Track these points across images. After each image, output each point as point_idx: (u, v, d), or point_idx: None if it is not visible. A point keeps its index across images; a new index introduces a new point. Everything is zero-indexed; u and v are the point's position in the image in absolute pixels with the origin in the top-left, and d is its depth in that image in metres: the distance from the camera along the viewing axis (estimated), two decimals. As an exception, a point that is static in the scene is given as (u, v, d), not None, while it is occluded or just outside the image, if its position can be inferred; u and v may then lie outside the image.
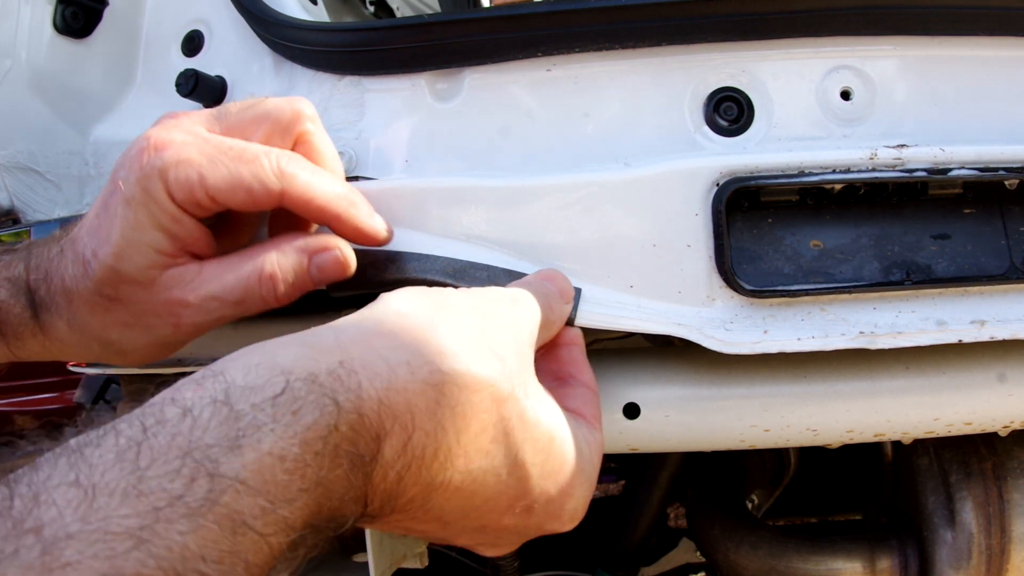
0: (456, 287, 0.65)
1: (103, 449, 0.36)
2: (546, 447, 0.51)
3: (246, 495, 0.37)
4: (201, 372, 0.41)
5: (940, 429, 0.71)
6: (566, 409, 0.57)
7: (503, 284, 0.66)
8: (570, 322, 0.66)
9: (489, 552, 0.57)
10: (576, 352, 0.63)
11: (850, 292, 0.66)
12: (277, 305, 0.62)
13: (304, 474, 0.39)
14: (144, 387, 0.96)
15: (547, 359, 0.63)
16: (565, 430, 0.54)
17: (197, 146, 0.58)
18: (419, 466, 0.45)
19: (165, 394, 0.40)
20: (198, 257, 0.62)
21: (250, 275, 0.60)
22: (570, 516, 0.55)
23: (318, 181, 0.60)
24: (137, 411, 0.39)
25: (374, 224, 0.64)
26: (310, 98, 0.77)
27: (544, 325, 0.58)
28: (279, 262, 0.60)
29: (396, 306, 0.49)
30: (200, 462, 0.36)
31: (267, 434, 0.38)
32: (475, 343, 0.49)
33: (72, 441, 0.37)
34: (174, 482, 0.36)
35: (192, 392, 0.40)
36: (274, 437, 0.38)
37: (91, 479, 0.35)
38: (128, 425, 0.38)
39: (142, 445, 0.37)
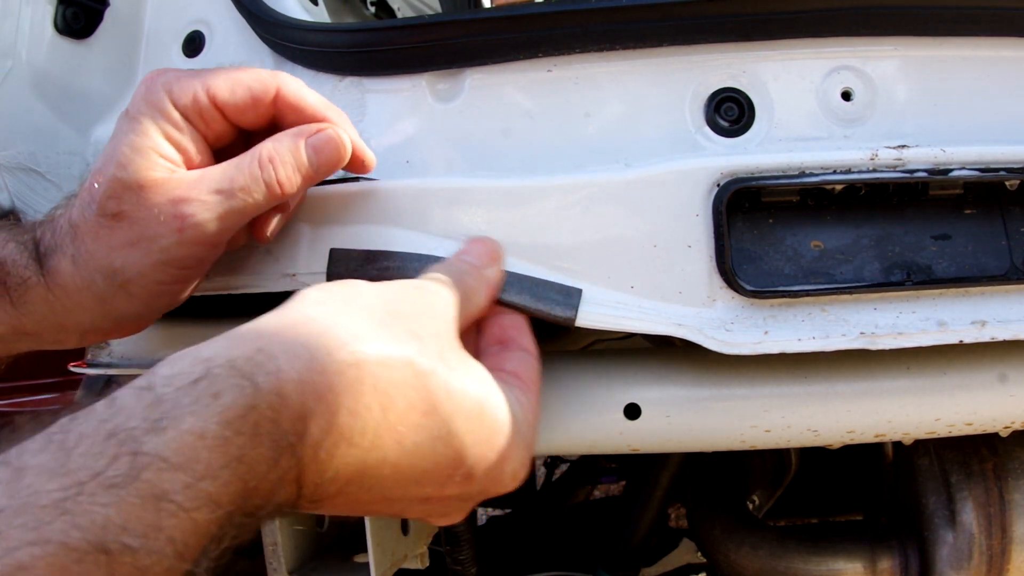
0: None
1: (34, 440, 0.39)
2: (477, 415, 0.53)
3: (167, 471, 0.38)
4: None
5: (941, 430, 0.71)
6: (504, 371, 0.60)
7: (503, 286, 0.66)
8: (570, 323, 0.66)
9: (441, 521, 0.59)
10: (518, 317, 0.65)
11: (851, 293, 0.66)
12: (283, 195, 0.63)
13: (225, 450, 0.40)
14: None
15: (489, 324, 0.65)
16: (496, 397, 0.56)
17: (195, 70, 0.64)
18: (349, 444, 0.47)
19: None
20: None
21: (251, 162, 0.62)
22: (511, 478, 0.57)
23: (309, 91, 0.65)
24: (74, 408, 0.41)
25: (361, 141, 0.67)
26: (311, 99, 0.78)
27: (466, 299, 0.60)
28: (275, 147, 0.63)
29: (312, 297, 0.52)
30: (124, 442, 0.38)
31: (187, 414, 0.40)
32: (390, 325, 0.51)
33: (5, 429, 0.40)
34: (98, 460, 0.38)
35: (121, 388, 0.42)
36: (194, 417, 0.40)
37: (21, 460, 0.37)
38: (60, 421, 0.40)
39: (70, 430, 0.39)
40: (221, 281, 0.73)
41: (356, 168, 0.68)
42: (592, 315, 0.66)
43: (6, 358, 0.71)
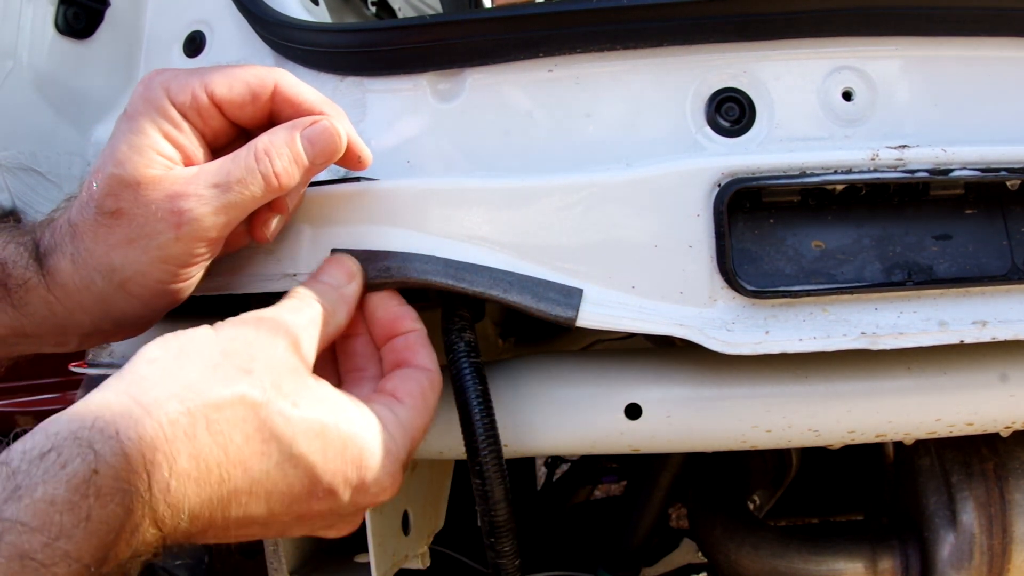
0: (456, 288, 0.65)
1: None
2: (318, 434, 0.56)
3: (26, 533, 0.43)
4: None
5: (942, 430, 0.71)
6: (381, 392, 0.63)
7: (504, 286, 0.66)
8: (571, 323, 0.66)
9: (330, 534, 0.63)
10: (412, 338, 0.67)
11: (852, 293, 0.66)
12: (280, 188, 0.63)
13: (75, 512, 0.45)
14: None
15: (387, 351, 0.67)
16: (341, 413, 0.58)
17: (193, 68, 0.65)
18: (196, 484, 0.51)
19: None
20: None
21: (247, 155, 0.63)
22: (379, 488, 0.60)
23: (306, 86, 0.66)
24: None
25: (357, 136, 0.68)
26: (312, 99, 0.77)
27: (320, 321, 0.62)
28: (271, 139, 0.63)
29: (148, 355, 0.55)
30: None
31: (39, 484, 0.45)
32: (220, 367, 0.54)
33: None
34: None
35: None
36: (45, 485, 0.45)
37: None
38: None
39: None
40: (222, 281, 0.73)
41: (352, 164, 0.68)
42: (593, 315, 0.66)
43: (6, 360, 0.71)
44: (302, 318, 0.61)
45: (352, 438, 0.58)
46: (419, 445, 0.64)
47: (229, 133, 0.66)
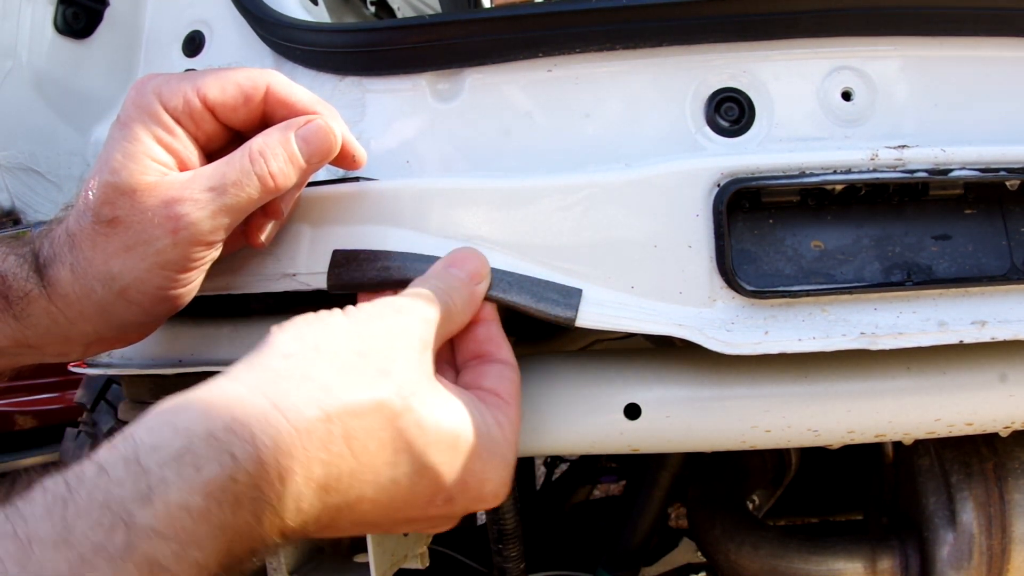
0: None
1: (34, 505, 0.41)
2: (451, 445, 0.55)
3: (159, 541, 0.42)
4: (115, 435, 0.46)
5: (941, 430, 0.71)
6: (481, 389, 0.61)
7: (503, 286, 0.66)
8: (570, 323, 0.66)
9: (427, 531, 0.63)
10: (493, 329, 0.65)
11: (851, 293, 0.66)
12: (276, 189, 0.63)
13: (210, 521, 0.44)
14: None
15: (465, 339, 0.65)
16: (471, 423, 0.57)
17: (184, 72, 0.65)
18: (326, 491, 0.50)
19: (86, 458, 0.45)
20: None
21: (241, 157, 0.62)
22: (492, 496, 0.59)
23: (298, 87, 0.65)
24: (62, 470, 0.44)
25: (351, 136, 0.68)
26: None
27: (446, 318, 0.60)
28: (265, 140, 0.63)
29: (282, 347, 0.53)
30: (117, 514, 0.42)
31: (173, 488, 0.43)
32: (358, 368, 0.53)
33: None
34: (96, 532, 0.40)
35: (106, 452, 0.44)
36: (179, 491, 0.43)
37: (27, 532, 0.40)
38: (53, 482, 0.43)
39: (67, 500, 0.42)
40: (222, 281, 0.73)
41: (347, 163, 0.68)
42: (592, 315, 0.66)
43: (8, 371, 0.70)
44: (434, 314, 0.59)
45: (478, 449, 0.57)
46: None
47: (223, 136, 0.66)
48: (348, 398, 0.51)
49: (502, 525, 0.69)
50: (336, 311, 0.56)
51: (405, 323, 0.57)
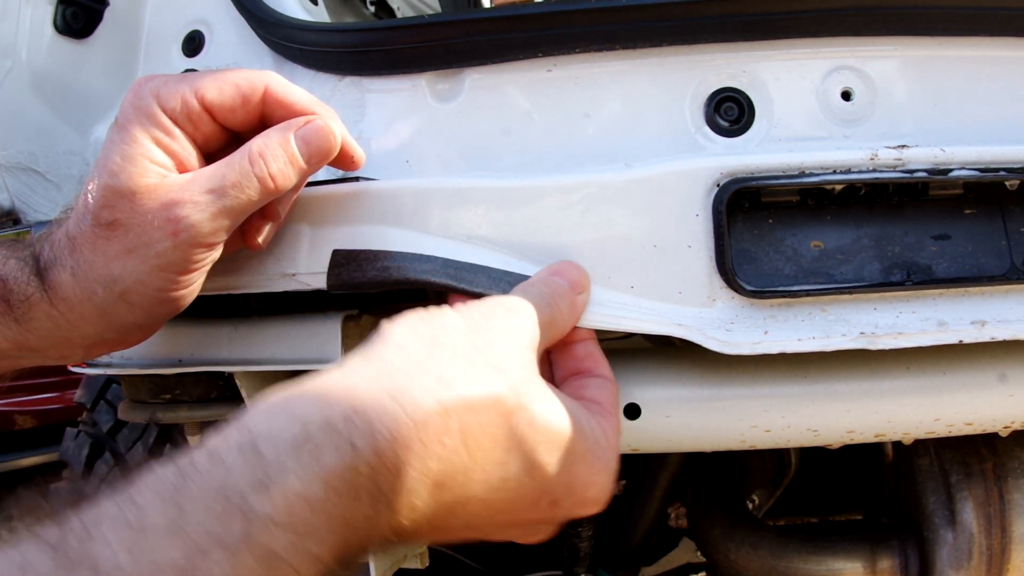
0: (456, 288, 0.65)
1: (146, 492, 0.40)
2: (559, 446, 0.54)
3: (277, 531, 0.40)
4: (226, 424, 0.45)
5: (941, 429, 0.71)
6: (583, 399, 0.60)
7: (503, 286, 0.66)
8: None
9: (526, 540, 0.60)
10: (591, 346, 0.65)
11: (851, 292, 0.66)
12: (276, 190, 0.63)
13: (329, 513, 0.42)
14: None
15: (564, 356, 0.65)
16: (577, 425, 0.56)
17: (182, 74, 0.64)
18: (439, 488, 0.49)
19: (195, 446, 0.44)
20: None
21: (241, 159, 0.62)
22: (595, 501, 0.59)
23: (296, 88, 0.65)
24: (173, 459, 0.42)
25: (350, 137, 0.68)
26: (311, 98, 0.77)
27: (550, 323, 0.60)
28: (265, 142, 0.63)
29: (398, 339, 0.52)
30: (233, 502, 0.40)
31: (292, 477, 0.42)
32: (474, 363, 0.52)
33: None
34: (212, 521, 0.39)
35: (219, 440, 0.43)
36: (298, 480, 0.42)
37: (140, 519, 0.39)
38: (165, 470, 0.41)
39: (180, 488, 0.40)
40: (222, 281, 0.73)
41: (346, 164, 0.68)
42: (592, 315, 0.66)
43: (10, 374, 0.70)
44: (541, 317, 0.59)
45: (585, 452, 0.56)
46: None
47: (221, 138, 0.66)
48: (465, 392, 0.50)
49: None
50: (447, 308, 0.56)
51: (518, 322, 0.57)
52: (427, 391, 0.49)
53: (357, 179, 0.71)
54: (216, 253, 0.65)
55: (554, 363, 0.66)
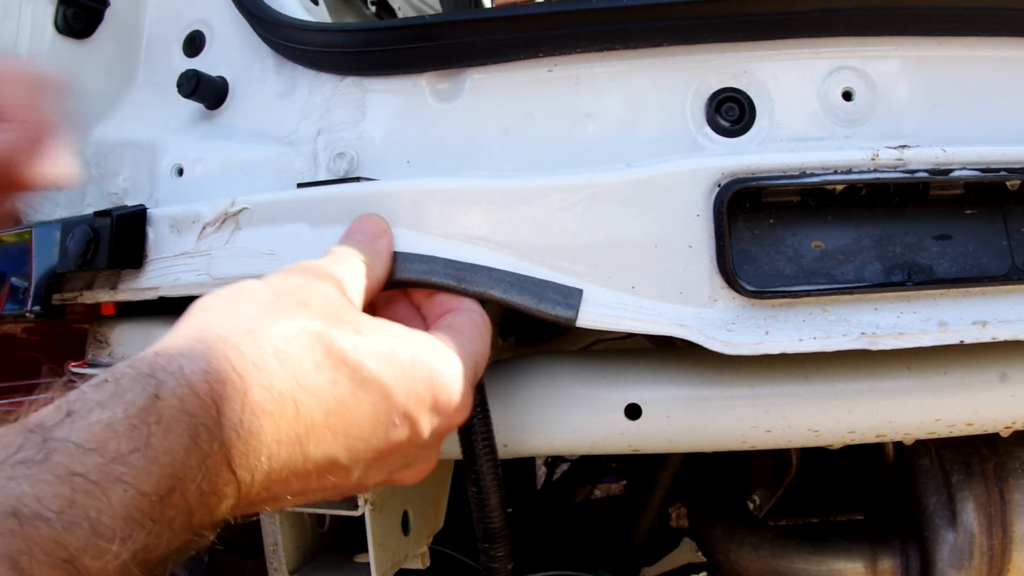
0: (456, 288, 0.65)
1: None
2: (388, 356, 0.54)
3: (78, 453, 0.41)
4: None
5: (941, 430, 0.71)
6: (437, 327, 0.62)
7: (504, 286, 0.66)
8: (571, 323, 0.66)
9: (409, 476, 0.60)
10: (453, 297, 0.66)
11: (851, 293, 0.66)
12: None
13: (132, 436, 0.43)
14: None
15: (431, 306, 0.66)
16: (405, 337, 0.57)
17: None
18: (272, 418, 0.48)
19: None
20: None
21: None
22: (453, 408, 0.58)
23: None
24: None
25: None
26: (311, 98, 0.78)
27: (360, 273, 0.61)
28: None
29: (200, 305, 0.54)
30: (35, 431, 0.42)
31: (94, 407, 0.43)
32: (277, 305, 0.53)
33: None
34: (10, 447, 0.40)
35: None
36: (101, 409, 0.43)
37: None
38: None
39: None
40: (220, 282, 0.73)
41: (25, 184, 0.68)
42: (593, 315, 0.66)
43: None
44: (345, 269, 0.60)
45: (420, 358, 0.56)
46: (483, 371, 0.64)
47: None
48: (272, 325, 0.51)
49: (488, 523, 0.69)
50: (247, 280, 0.57)
51: (315, 273, 0.58)
52: (232, 329, 0.50)
53: (358, 179, 0.71)
54: None
55: (426, 315, 0.67)
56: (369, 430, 0.53)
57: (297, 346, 0.51)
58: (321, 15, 0.91)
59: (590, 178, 0.67)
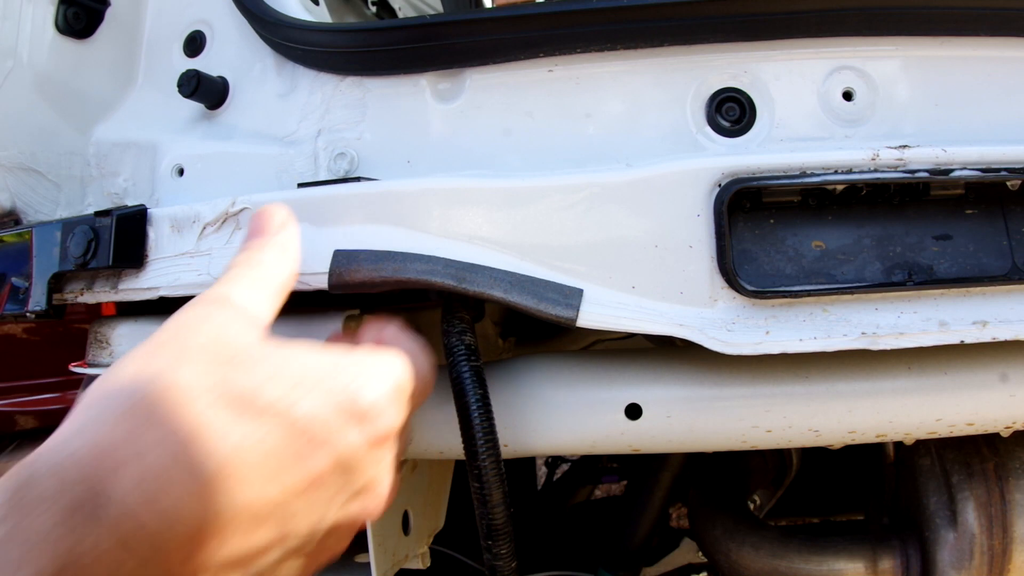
0: (457, 289, 0.65)
1: None
2: (274, 373, 0.49)
3: None
4: None
5: (942, 430, 0.71)
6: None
7: (504, 286, 0.66)
8: (571, 323, 0.66)
9: (370, 509, 0.55)
10: (394, 327, 0.63)
11: (852, 293, 0.66)
12: None
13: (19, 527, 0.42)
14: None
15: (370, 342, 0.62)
16: (304, 353, 0.52)
17: None
18: (163, 484, 0.44)
19: None
20: None
21: None
22: (381, 414, 0.53)
23: None
24: None
25: None
26: (311, 98, 0.78)
27: (262, 273, 0.57)
28: None
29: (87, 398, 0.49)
30: None
31: None
32: (149, 358, 0.49)
33: None
34: None
35: None
36: None
37: None
38: None
39: None
40: (222, 281, 0.73)
41: None
42: (593, 315, 0.66)
43: None
44: (240, 288, 0.55)
45: (333, 367, 0.52)
46: (426, 387, 0.59)
47: None
48: (151, 379, 0.46)
49: (491, 520, 0.68)
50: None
51: (208, 302, 0.54)
52: (104, 393, 0.47)
53: (358, 179, 0.71)
54: None
55: (357, 340, 0.62)
56: (291, 463, 0.48)
57: (170, 403, 0.46)
58: (321, 15, 0.91)
59: (590, 178, 0.67)
